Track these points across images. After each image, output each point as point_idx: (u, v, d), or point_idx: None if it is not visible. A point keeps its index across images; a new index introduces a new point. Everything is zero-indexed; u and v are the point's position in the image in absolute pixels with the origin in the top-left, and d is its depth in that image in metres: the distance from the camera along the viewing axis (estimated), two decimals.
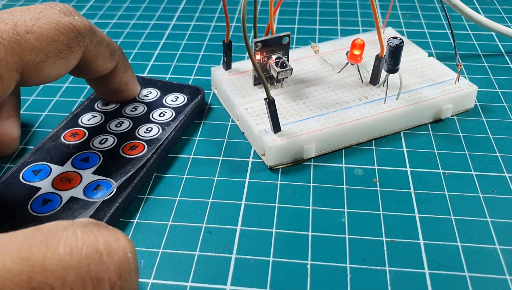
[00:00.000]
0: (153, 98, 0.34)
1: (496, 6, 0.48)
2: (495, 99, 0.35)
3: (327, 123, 0.30)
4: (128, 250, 0.18)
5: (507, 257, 0.24)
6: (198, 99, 0.33)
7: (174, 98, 0.34)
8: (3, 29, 0.24)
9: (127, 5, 0.49)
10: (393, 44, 0.29)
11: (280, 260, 0.24)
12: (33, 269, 0.15)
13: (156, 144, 0.30)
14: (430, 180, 0.28)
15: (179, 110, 0.33)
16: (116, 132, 0.31)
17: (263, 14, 0.46)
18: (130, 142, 0.30)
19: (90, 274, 0.16)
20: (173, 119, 0.32)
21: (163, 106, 0.33)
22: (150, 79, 0.36)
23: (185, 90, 0.34)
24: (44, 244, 0.16)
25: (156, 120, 0.32)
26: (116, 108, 0.33)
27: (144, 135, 0.31)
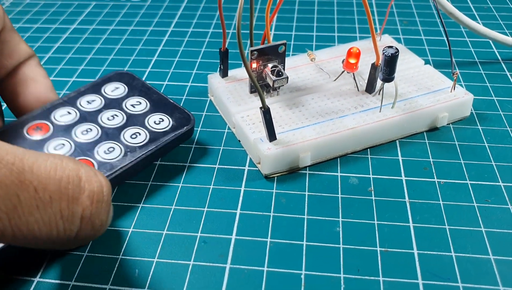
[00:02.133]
0: (138, 111, 0.30)
1: (493, 13, 0.48)
2: (491, 107, 0.35)
3: (322, 132, 0.30)
4: (103, 184, 0.21)
5: (501, 268, 0.24)
6: (182, 130, 0.29)
7: (158, 120, 0.30)
8: None
9: (125, 11, 0.50)
10: (388, 54, 0.29)
11: (275, 270, 0.24)
12: (23, 166, 0.18)
13: (106, 170, 0.26)
14: (425, 189, 0.28)
15: (155, 137, 0.29)
16: (77, 142, 0.28)
17: (260, 20, 0.46)
18: (83, 158, 0.27)
19: (68, 191, 0.19)
20: (143, 145, 0.28)
21: (142, 125, 0.29)
22: (150, 88, 0.32)
23: (175, 114, 0.30)
24: (35, 155, 0.19)
25: (124, 140, 0.28)
26: (97, 109, 0.30)
27: (102, 155, 0.27)
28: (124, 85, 0.32)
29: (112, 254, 0.25)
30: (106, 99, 0.31)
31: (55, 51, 0.43)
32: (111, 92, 0.31)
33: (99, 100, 0.31)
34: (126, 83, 0.32)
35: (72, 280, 0.24)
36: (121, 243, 0.26)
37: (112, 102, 0.31)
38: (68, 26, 0.47)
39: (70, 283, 0.24)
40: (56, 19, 0.49)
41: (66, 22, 0.48)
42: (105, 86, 0.32)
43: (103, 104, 0.31)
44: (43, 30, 0.47)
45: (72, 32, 0.46)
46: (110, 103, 0.31)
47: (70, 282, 0.24)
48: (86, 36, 0.45)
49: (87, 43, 0.44)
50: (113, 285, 0.24)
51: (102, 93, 0.31)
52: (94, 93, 0.31)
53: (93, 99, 0.31)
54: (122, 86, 0.32)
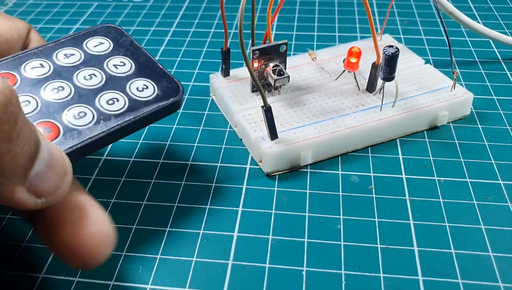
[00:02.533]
0: (121, 73, 0.27)
1: (493, 12, 0.48)
2: (491, 106, 0.35)
3: (323, 131, 0.30)
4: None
5: (500, 265, 0.24)
6: (167, 102, 0.26)
7: (141, 86, 0.26)
8: None
9: (127, 11, 0.50)
10: (389, 53, 0.29)
11: (276, 266, 0.25)
12: None
13: (73, 138, 0.23)
14: (425, 187, 0.29)
15: (135, 106, 0.25)
16: (44, 100, 0.24)
17: (262, 20, 0.46)
18: (47, 120, 0.23)
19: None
20: (119, 114, 0.24)
21: (123, 90, 0.26)
22: (139, 47, 0.28)
23: (162, 81, 0.27)
24: None
25: (99, 106, 0.25)
26: (74, 65, 0.27)
27: (70, 119, 0.24)
28: (110, 41, 0.28)
29: (115, 251, 0.25)
30: (86, 54, 0.27)
31: None
32: (94, 47, 0.28)
33: (78, 55, 0.27)
34: (113, 39, 0.29)
35: (77, 276, 0.24)
36: (124, 240, 0.26)
37: (93, 59, 0.27)
38: (71, 26, 0.47)
39: (75, 279, 0.24)
40: (58, 19, 0.49)
41: (68, 22, 0.48)
42: (88, 39, 0.28)
43: (82, 60, 0.27)
44: (46, 30, 0.47)
45: None
46: (90, 60, 0.27)
47: (75, 278, 0.24)
48: None
49: None
50: (117, 281, 0.24)
51: (84, 47, 0.28)
52: (74, 46, 0.28)
53: (71, 53, 0.27)
54: (107, 41, 0.28)
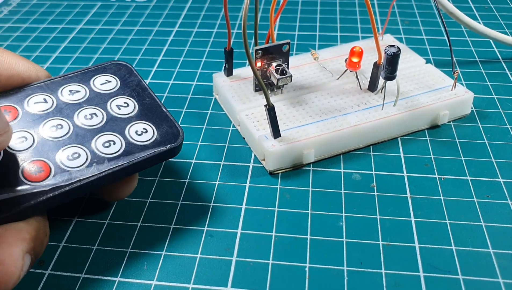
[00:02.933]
0: (122, 114, 0.26)
1: (494, 12, 0.48)
2: (491, 105, 0.36)
3: (326, 129, 0.30)
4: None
5: (500, 261, 0.25)
6: (165, 147, 0.25)
7: (141, 130, 0.26)
8: None
9: (130, 11, 0.50)
10: (390, 52, 0.30)
11: (280, 263, 0.25)
12: None
13: (62, 180, 0.23)
14: (426, 185, 0.29)
15: (131, 150, 0.25)
16: (41, 137, 0.24)
17: (264, 20, 0.47)
18: (40, 159, 0.23)
19: None
20: (113, 158, 0.24)
21: (121, 133, 0.25)
22: (145, 88, 0.28)
23: (163, 126, 0.26)
24: None
25: (94, 148, 0.24)
26: (77, 103, 0.26)
27: (63, 160, 0.23)
28: (118, 79, 0.28)
29: (121, 248, 0.26)
30: (91, 92, 0.27)
31: (61, 51, 0.44)
32: (100, 85, 0.28)
33: (84, 92, 0.27)
34: (121, 77, 0.28)
35: (83, 272, 0.25)
36: (130, 237, 0.26)
37: (97, 97, 0.27)
38: (75, 26, 0.48)
39: (81, 276, 0.25)
40: (62, 19, 0.49)
41: (72, 22, 0.49)
42: (97, 76, 0.28)
43: (86, 97, 0.27)
44: (49, 30, 0.47)
45: (78, 32, 0.47)
46: (95, 98, 0.27)
47: (81, 275, 0.25)
48: (92, 36, 0.46)
49: (93, 43, 0.45)
50: (122, 278, 0.24)
51: (90, 84, 0.28)
52: (81, 83, 0.28)
53: (77, 90, 0.27)
54: (115, 80, 0.28)
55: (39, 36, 0.46)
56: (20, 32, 0.47)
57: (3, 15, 0.51)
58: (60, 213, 0.28)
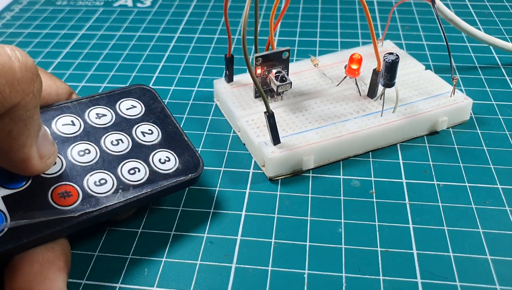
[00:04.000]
0: (147, 141, 0.27)
1: (494, 18, 0.48)
2: (490, 111, 0.36)
3: (325, 136, 0.31)
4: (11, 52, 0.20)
5: (498, 268, 0.25)
6: (186, 177, 0.26)
7: (164, 158, 0.26)
8: None
9: (132, 17, 0.51)
10: (389, 60, 0.30)
11: (279, 269, 0.25)
12: None
13: (90, 205, 0.23)
14: (425, 191, 0.29)
15: (154, 178, 0.25)
16: (70, 162, 0.25)
17: (265, 26, 0.47)
18: (68, 183, 0.24)
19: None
20: (138, 185, 0.25)
21: (145, 160, 0.26)
22: (168, 116, 0.28)
23: (185, 155, 0.27)
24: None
25: (120, 174, 0.25)
26: (104, 127, 0.27)
27: (90, 185, 0.24)
28: (142, 105, 0.29)
29: (122, 254, 0.26)
30: (117, 116, 0.28)
31: (64, 57, 0.44)
32: (126, 110, 0.28)
33: (110, 116, 0.28)
34: (145, 103, 0.29)
35: (84, 278, 0.25)
36: (130, 243, 0.27)
37: (123, 122, 0.28)
38: (77, 32, 0.48)
39: (82, 282, 0.25)
40: (64, 24, 0.50)
41: (74, 28, 0.49)
42: (122, 100, 0.29)
43: (113, 122, 0.27)
44: (52, 36, 0.48)
45: (80, 38, 0.47)
46: (120, 123, 0.27)
47: (82, 281, 0.25)
48: (94, 41, 0.46)
49: (96, 49, 0.45)
50: (123, 284, 0.25)
51: (116, 108, 0.28)
52: (108, 106, 0.28)
53: (103, 113, 0.28)
54: (140, 105, 0.29)
55: (41, 41, 0.47)
56: (22, 38, 0.47)
57: (5, 21, 0.51)
58: None
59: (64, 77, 0.41)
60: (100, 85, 0.40)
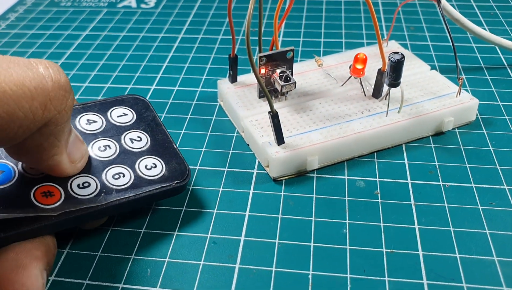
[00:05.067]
0: (134, 148, 0.27)
1: (499, 18, 0.48)
2: (496, 112, 0.35)
3: (330, 136, 0.30)
4: (52, 63, 0.21)
5: (505, 269, 0.24)
6: (171, 184, 0.26)
7: (150, 165, 0.26)
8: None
9: (136, 18, 0.51)
10: (394, 59, 0.30)
11: (283, 270, 0.25)
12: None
13: (71, 204, 0.24)
14: (430, 192, 0.29)
15: (139, 183, 0.25)
16: None
17: (269, 26, 0.47)
18: (51, 184, 0.24)
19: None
20: (121, 190, 0.25)
21: (131, 166, 0.26)
22: (159, 124, 0.29)
23: (172, 162, 0.27)
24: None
25: (104, 178, 0.25)
26: (92, 133, 0.27)
27: (74, 188, 0.24)
28: (134, 113, 0.29)
29: (125, 254, 0.26)
30: (108, 123, 0.28)
31: (68, 57, 0.44)
32: (117, 117, 0.29)
33: (100, 123, 0.28)
34: (137, 111, 0.29)
35: (86, 279, 0.25)
36: (133, 244, 0.27)
37: (112, 129, 0.28)
38: (81, 33, 0.48)
39: (84, 282, 0.25)
40: (68, 25, 0.50)
41: (78, 29, 0.49)
42: (114, 108, 0.29)
43: (102, 128, 0.28)
44: (56, 37, 0.48)
45: (84, 39, 0.47)
46: (110, 130, 0.28)
47: (84, 281, 0.25)
48: (98, 42, 0.46)
49: (99, 49, 0.45)
50: (126, 284, 0.25)
51: (107, 115, 0.29)
52: (99, 113, 0.28)
53: (94, 120, 0.28)
54: (131, 113, 0.29)
55: (45, 42, 0.47)
56: (26, 38, 0.47)
57: (10, 22, 0.51)
58: None
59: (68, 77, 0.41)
60: (103, 86, 0.40)
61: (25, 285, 0.21)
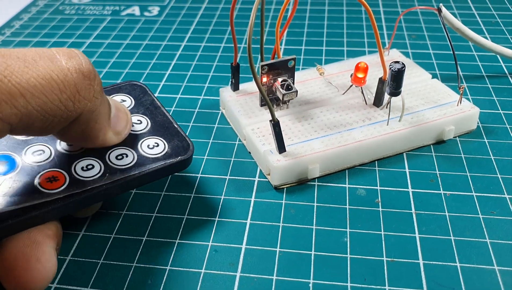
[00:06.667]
0: (135, 131, 0.28)
1: (501, 27, 0.48)
2: (497, 120, 0.35)
3: (331, 144, 0.31)
4: (76, 50, 0.22)
5: (505, 278, 0.25)
6: (175, 159, 0.26)
7: (152, 144, 0.27)
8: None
9: (139, 26, 0.51)
10: (395, 69, 0.30)
11: (284, 278, 0.25)
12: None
13: (76, 187, 0.24)
14: (431, 201, 0.29)
15: (142, 162, 0.26)
16: (58, 151, 0.26)
17: (271, 35, 0.47)
18: (56, 169, 0.25)
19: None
20: (125, 169, 0.25)
21: (134, 146, 0.27)
22: (158, 107, 0.29)
23: (174, 140, 0.27)
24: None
25: (108, 160, 0.26)
26: None
27: (78, 171, 0.25)
28: (132, 98, 0.30)
29: (126, 262, 0.26)
30: None
31: None
32: None
33: None
34: (135, 97, 0.30)
35: (88, 286, 0.25)
36: (135, 251, 0.27)
37: None
38: (84, 40, 0.49)
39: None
40: (72, 33, 0.50)
41: (82, 37, 0.49)
42: (112, 96, 0.30)
43: None
44: (60, 44, 0.48)
45: (88, 46, 0.47)
46: None
47: (86, 289, 0.25)
48: (101, 50, 0.47)
49: (103, 57, 0.45)
50: None
51: None
52: None
53: None
54: (129, 99, 0.30)
55: None
56: (31, 46, 0.48)
57: (14, 29, 0.51)
58: (67, 227, 0.28)
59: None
60: None
61: (40, 260, 0.22)
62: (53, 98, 0.20)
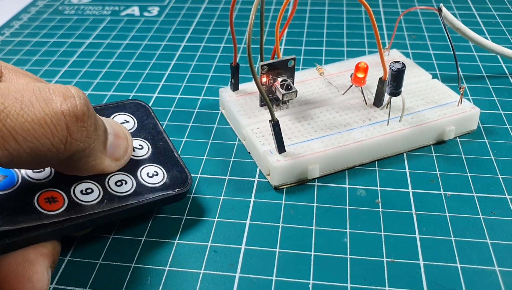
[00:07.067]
0: (136, 156, 0.27)
1: (501, 27, 0.48)
2: (498, 120, 0.35)
3: (331, 144, 0.30)
4: (72, 89, 0.22)
5: (506, 279, 0.24)
6: (172, 192, 0.26)
7: (152, 172, 0.27)
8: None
9: (139, 26, 0.51)
10: (395, 69, 0.30)
11: (283, 279, 0.25)
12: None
13: (74, 211, 0.24)
14: (431, 201, 0.29)
15: (141, 190, 0.26)
16: (58, 172, 0.25)
17: (271, 35, 0.47)
18: (55, 190, 0.24)
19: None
20: (123, 197, 0.25)
21: (133, 173, 0.26)
22: (160, 132, 0.29)
23: (173, 170, 0.27)
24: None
25: (107, 185, 0.25)
26: None
27: (77, 194, 0.24)
28: (135, 120, 0.29)
29: (125, 262, 0.26)
30: None
31: (71, 65, 0.44)
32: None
33: None
34: (139, 118, 0.30)
35: (87, 287, 0.25)
36: (134, 252, 0.27)
37: None
38: (84, 41, 0.48)
39: None
40: (72, 33, 0.50)
41: (81, 37, 0.49)
42: (116, 114, 0.29)
43: None
44: (59, 44, 0.48)
45: (87, 46, 0.47)
46: None
47: (85, 289, 0.25)
48: (101, 50, 0.46)
49: (102, 57, 0.45)
50: None
51: None
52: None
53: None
54: (133, 120, 0.29)
55: (48, 50, 0.47)
56: (30, 46, 0.48)
57: (14, 30, 0.51)
58: None
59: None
60: (106, 93, 0.40)
61: (31, 280, 0.22)
62: (44, 142, 0.20)
